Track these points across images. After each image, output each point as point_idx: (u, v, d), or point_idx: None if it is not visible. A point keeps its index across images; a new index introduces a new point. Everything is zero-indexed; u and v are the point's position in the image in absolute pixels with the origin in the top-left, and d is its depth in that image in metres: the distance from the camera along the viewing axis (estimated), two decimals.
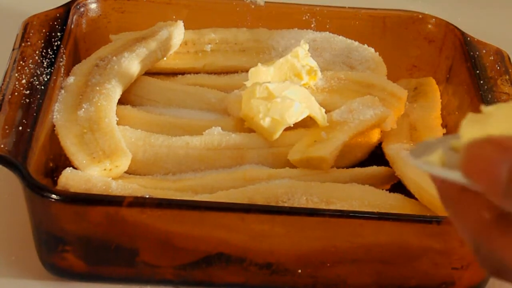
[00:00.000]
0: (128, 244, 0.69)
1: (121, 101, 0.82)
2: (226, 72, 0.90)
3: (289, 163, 0.78)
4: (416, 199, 0.75)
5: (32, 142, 0.69)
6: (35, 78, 0.76)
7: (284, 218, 0.67)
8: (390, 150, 0.80)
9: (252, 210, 0.67)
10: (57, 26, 0.82)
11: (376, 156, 0.82)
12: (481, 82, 0.82)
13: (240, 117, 0.80)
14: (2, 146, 0.68)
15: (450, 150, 0.43)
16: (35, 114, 0.72)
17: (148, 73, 0.87)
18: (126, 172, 0.76)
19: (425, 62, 0.92)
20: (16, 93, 0.74)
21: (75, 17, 0.86)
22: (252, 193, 0.72)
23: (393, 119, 0.83)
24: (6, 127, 0.70)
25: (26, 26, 0.82)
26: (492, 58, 0.85)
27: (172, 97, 0.85)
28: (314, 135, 0.79)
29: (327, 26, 0.91)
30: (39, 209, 0.67)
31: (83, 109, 0.77)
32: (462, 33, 0.88)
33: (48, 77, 0.76)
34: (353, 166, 0.80)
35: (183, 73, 0.89)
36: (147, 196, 0.68)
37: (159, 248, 0.69)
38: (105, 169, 0.73)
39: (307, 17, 0.91)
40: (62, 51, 0.80)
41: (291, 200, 0.72)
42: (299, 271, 0.70)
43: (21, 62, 0.77)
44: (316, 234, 0.68)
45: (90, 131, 0.75)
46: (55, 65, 0.78)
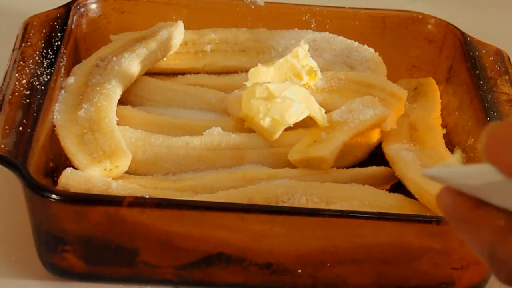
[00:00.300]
0: (128, 244, 0.69)
1: (121, 101, 0.82)
2: (226, 72, 0.90)
3: (289, 163, 0.78)
4: (416, 199, 0.75)
5: (32, 142, 0.69)
6: (35, 78, 0.76)
7: (284, 218, 0.67)
8: (390, 150, 0.80)
9: (252, 210, 0.67)
10: (58, 26, 0.83)
11: (376, 156, 0.82)
12: (481, 82, 0.82)
13: (240, 117, 0.81)
14: (3, 146, 0.68)
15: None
16: (35, 114, 0.72)
17: (148, 73, 0.87)
18: (126, 172, 0.76)
19: (425, 62, 0.92)
20: (17, 93, 0.74)
21: (75, 17, 0.86)
22: (252, 193, 0.72)
23: (393, 119, 0.83)
24: (6, 127, 0.70)
25: (27, 26, 0.82)
26: (492, 58, 0.85)
27: (172, 97, 0.85)
28: (314, 135, 0.79)
29: (327, 26, 0.91)
30: (39, 209, 0.67)
31: (83, 109, 0.77)
32: (462, 33, 0.88)
33: (48, 77, 0.76)
34: (353, 166, 0.80)
35: (183, 73, 0.90)
36: (147, 196, 0.68)
37: (159, 248, 0.69)
38: (105, 169, 0.73)
39: (307, 17, 0.91)
40: (63, 51, 0.80)
41: (291, 200, 0.72)
42: (299, 271, 0.70)
43: (22, 62, 0.77)
44: (316, 234, 0.68)
45: (90, 131, 0.75)
46: (55, 65, 0.78)
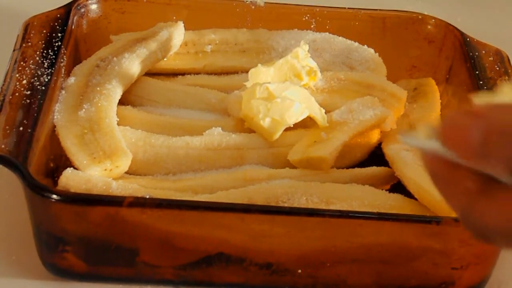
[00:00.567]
0: (128, 244, 0.69)
1: (122, 102, 0.82)
2: (226, 73, 0.90)
3: (289, 163, 0.78)
4: (416, 199, 0.75)
5: (33, 143, 0.69)
6: (36, 79, 0.76)
7: (284, 218, 0.67)
8: (390, 151, 0.80)
9: (252, 210, 0.67)
10: (58, 27, 0.83)
11: (376, 156, 0.82)
12: (481, 83, 0.82)
13: (240, 118, 0.81)
14: (3, 147, 0.68)
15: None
16: (36, 115, 0.72)
17: (149, 74, 0.87)
18: (127, 172, 0.76)
19: (425, 63, 0.92)
20: (17, 94, 0.74)
21: (76, 18, 0.86)
22: (252, 193, 0.72)
23: (393, 120, 0.83)
24: (7, 128, 0.70)
25: (27, 27, 0.82)
26: (492, 59, 0.85)
27: (173, 98, 0.85)
28: (314, 136, 0.79)
29: (327, 27, 0.91)
30: (40, 209, 0.67)
31: (84, 110, 0.77)
32: (462, 34, 0.88)
33: (49, 78, 0.76)
34: (353, 167, 0.80)
35: (183, 74, 0.90)
36: (147, 196, 0.68)
37: (159, 248, 0.69)
38: (106, 170, 0.73)
39: (307, 18, 0.92)
40: (63, 52, 0.81)
41: (291, 200, 0.72)
42: (299, 271, 0.70)
43: (22, 63, 0.77)
44: (316, 234, 0.68)
45: (91, 132, 0.75)
46: (56, 66, 0.78)
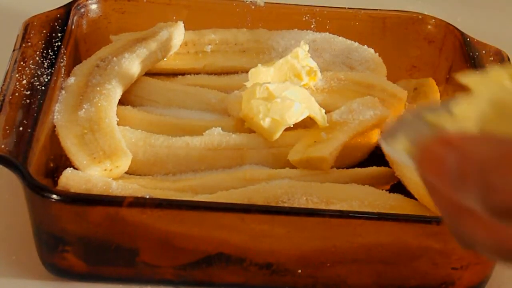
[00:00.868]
0: (128, 244, 0.69)
1: (122, 102, 0.82)
2: (226, 73, 0.90)
3: (289, 164, 0.78)
4: (416, 199, 0.75)
5: (33, 143, 0.69)
6: (36, 79, 0.76)
7: (284, 218, 0.67)
8: None
9: (252, 210, 0.67)
10: (58, 27, 0.83)
11: (376, 157, 0.82)
12: None
13: (240, 118, 0.81)
14: (3, 147, 0.68)
15: (422, 128, 0.46)
16: (36, 115, 0.72)
17: (149, 74, 0.87)
18: (126, 173, 0.76)
19: (425, 63, 0.92)
20: (17, 94, 0.74)
21: (76, 18, 0.86)
22: (252, 193, 0.72)
23: (393, 120, 0.83)
24: (7, 128, 0.70)
25: (27, 27, 0.82)
26: (492, 59, 0.85)
27: (172, 98, 0.85)
28: (314, 136, 0.79)
29: (327, 27, 0.91)
30: (40, 209, 0.67)
31: (84, 110, 0.77)
32: (462, 34, 0.88)
33: (49, 78, 0.76)
34: (353, 167, 0.80)
35: (183, 74, 0.90)
36: (147, 197, 0.68)
37: (159, 248, 0.69)
38: (106, 170, 0.73)
39: (307, 18, 0.92)
40: (63, 52, 0.81)
41: (291, 200, 0.72)
42: (299, 271, 0.70)
43: (22, 63, 0.77)
44: (316, 234, 0.68)
45: (91, 132, 0.75)
46: (56, 66, 0.78)
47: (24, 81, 0.75)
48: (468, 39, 0.87)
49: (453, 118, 0.45)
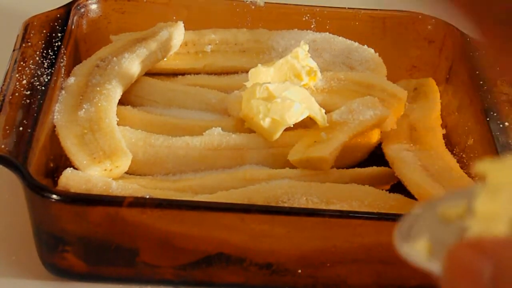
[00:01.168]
0: (128, 244, 0.69)
1: (122, 102, 0.82)
2: (226, 73, 0.90)
3: (289, 164, 0.78)
4: (416, 199, 0.75)
5: (33, 143, 0.69)
6: (36, 79, 0.76)
7: (284, 218, 0.67)
8: (390, 151, 0.80)
9: (252, 210, 0.67)
10: (58, 27, 0.83)
11: (376, 157, 0.82)
12: (481, 83, 0.82)
13: (240, 118, 0.81)
14: (3, 147, 0.68)
15: (438, 224, 0.42)
16: (36, 115, 0.72)
17: (149, 74, 0.87)
18: (126, 173, 0.76)
19: (425, 63, 0.92)
20: (17, 94, 0.74)
21: (76, 18, 0.86)
22: (252, 193, 0.72)
23: (393, 120, 0.83)
24: (7, 128, 0.70)
25: (27, 27, 0.82)
26: None
27: (172, 98, 0.85)
28: (314, 136, 0.79)
29: (327, 27, 0.91)
30: (40, 209, 0.67)
31: (84, 110, 0.77)
32: (462, 34, 0.88)
33: (49, 78, 0.76)
34: (353, 167, 0.80)
35: (183, 74, 0.90)
36: (147, 197, 0.68)
37: (159, 248, 0.69)
38: (106, 170, 0.73)
39: (307, 18, 0.91)
40: (63, 52, 0.81)
41: (291, 201, 0.72)
42: (299, 271, 0.70)
43: (22, 63, 0.77)
44: (316, 234, 0.68)
45: (91, 132, 0.75)
46: (56, 66, 0.78)
47: (24, 81, 0.75)
48: (468, 39, 0.87)
49: (475, 215, 0.39)
